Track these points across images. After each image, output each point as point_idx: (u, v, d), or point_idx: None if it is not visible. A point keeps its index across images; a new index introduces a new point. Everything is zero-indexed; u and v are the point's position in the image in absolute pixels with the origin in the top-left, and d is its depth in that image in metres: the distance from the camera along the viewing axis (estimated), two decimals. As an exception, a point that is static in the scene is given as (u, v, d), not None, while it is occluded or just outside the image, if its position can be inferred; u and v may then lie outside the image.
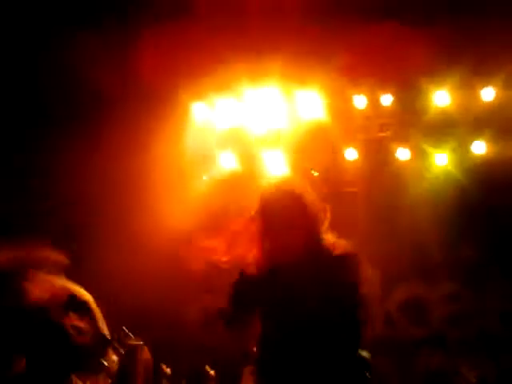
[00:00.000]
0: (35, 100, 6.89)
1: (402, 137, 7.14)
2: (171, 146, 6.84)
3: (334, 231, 3.12)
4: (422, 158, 7.21)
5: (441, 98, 7.00)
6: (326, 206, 3.16)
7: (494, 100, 6.87)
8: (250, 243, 3.13)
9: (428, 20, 6.26)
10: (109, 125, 6.55)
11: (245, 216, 3.23)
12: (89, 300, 3.52)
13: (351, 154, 7.20)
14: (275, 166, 7.01)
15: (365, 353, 3.01)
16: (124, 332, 3.71)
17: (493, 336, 6.61)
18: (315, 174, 6.80)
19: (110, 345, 3.53)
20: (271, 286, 3.01)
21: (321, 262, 2.99)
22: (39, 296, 3.29)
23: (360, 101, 7.08)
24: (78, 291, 3.48)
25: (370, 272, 3.06)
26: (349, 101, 7.00)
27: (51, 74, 6.66)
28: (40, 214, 6.42)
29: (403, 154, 7.18)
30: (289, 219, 3.05)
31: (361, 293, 2.97)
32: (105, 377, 3.62)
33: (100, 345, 3.41)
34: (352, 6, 6.20)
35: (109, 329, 3.56)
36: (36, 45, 6.67)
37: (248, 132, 7.17)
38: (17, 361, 3.29)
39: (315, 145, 7.05)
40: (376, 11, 6.15)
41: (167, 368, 6.03)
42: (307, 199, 3.07)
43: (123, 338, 3.70)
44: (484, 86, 6.85)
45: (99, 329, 3.49)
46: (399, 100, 7.03)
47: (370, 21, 6.13)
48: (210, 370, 5.95)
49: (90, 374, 3.41)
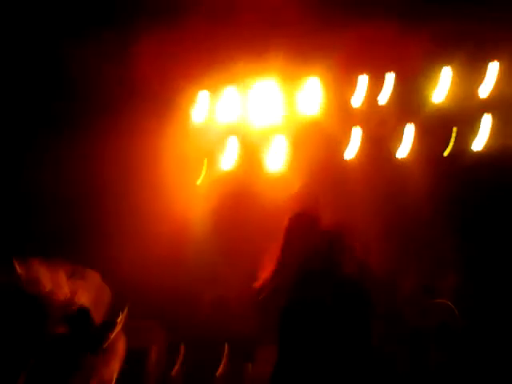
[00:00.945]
0: (36, 107, 6.89)
1: (401, 133, 7.17)
2: (173, 144, 6.85)
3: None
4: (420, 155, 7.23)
5: (438, 94, 7.06)
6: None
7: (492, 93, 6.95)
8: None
9: (427, 14, 6.34)
10: (111, 125, 6.57)
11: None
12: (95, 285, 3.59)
13: (350, 150, 7.22)
14: (276, 161, 7.03)
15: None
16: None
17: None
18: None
19: (114, 329, 3.56)
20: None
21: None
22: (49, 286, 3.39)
23: (362, 84, 7.10)
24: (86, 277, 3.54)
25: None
26: (348, 95, 7.04)
27: (48, 81, 6.68)
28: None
29: (402, 150, 7.21)
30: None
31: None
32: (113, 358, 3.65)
33: (105, 329, 3.48)
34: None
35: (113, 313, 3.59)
36: (34, 53, 6.68)
37: (248, 128, 7.19)
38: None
39: (314, 140, 7.07)
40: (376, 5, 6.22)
41: (182, 346, 5.98)
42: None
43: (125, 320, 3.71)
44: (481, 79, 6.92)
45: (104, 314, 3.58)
46: (398, 95, 7.08)
47: (369, 15, 6.20)
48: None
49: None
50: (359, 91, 7.09)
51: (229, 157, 7.35)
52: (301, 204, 3.90)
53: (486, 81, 6.80)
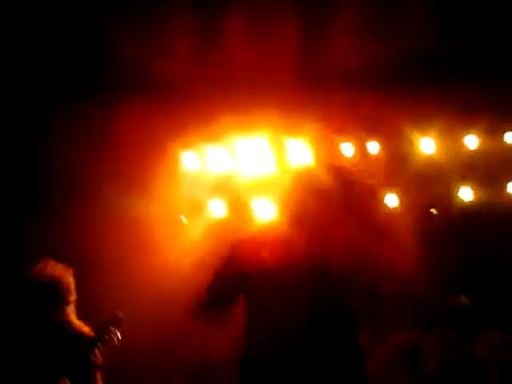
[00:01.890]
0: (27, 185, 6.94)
1: (390, 184, 7.25)
2: (163, 195, 6.93)
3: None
4: (410, 205, 7.31)
5: (427, 146, 7.14)
6: None
7: (479, 147, 7.04)
8: None
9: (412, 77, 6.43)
10: (103, 177, 6.65)
11: None
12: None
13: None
14: (264, 213, 7.09)
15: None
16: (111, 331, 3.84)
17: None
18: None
19: (97, 345, 3.80)
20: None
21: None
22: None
23: (347, 148, 7.21)
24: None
25: None
26: (336, 149, 7.13)
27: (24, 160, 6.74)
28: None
29: (392, 201, 7.28)
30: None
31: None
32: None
33: (90, 343, 3.61)
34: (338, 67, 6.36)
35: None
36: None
37: (238, 180, 7.27)
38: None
39: (305, 192, 7.14)
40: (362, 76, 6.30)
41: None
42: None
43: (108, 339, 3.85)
44: (467, 134, 7.02)
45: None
46: (386, 148, 7.16)
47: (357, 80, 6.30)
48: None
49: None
50: (347, 144, 7.19)
51: (219, 205, 7.43)
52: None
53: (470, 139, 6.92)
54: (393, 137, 6.96)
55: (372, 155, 7.08)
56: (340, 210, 6.63)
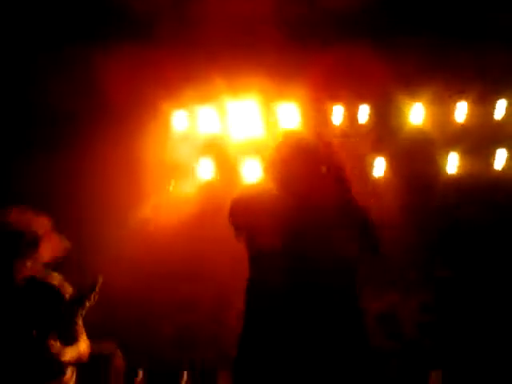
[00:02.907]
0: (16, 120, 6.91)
1: (378, 151, 7.26)
2: (151, 155, 6.93)
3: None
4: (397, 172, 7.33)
5: (416, 114, 7.14)
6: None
7: (468, 117, 7.04)
8: None
9: (403, 36, 6.38)
10: (89, 135, 6.64)
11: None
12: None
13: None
14: (253, 175, 7.11)
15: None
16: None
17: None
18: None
19: (83, 305, 3.64)
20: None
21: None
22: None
23: (337, 114, 7.20)
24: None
25: None
26: (326, 113, 7.12)
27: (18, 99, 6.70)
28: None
29: (379, 169, 7.30)
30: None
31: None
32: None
33: (75, 304, 3.53)
34: (329, 21, 6.29)
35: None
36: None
37: (227, 141, 7.27)
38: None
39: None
40: (352, 26, 6.25)
41: (140, 371, 6.12)
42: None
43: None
44: (457, 102, 7.01)
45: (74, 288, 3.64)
46: (375, 115, 7.16)
47: (347, 35, 6.24)
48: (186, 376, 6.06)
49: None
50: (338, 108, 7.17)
51: (207, 167, 7.44)
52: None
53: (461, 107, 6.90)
54: (383, 103, 6.95)
55: (361, 121, 7.07)
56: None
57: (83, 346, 3.72)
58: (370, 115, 7.00)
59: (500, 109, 7.00)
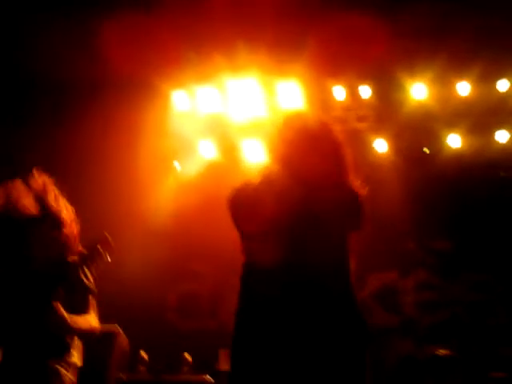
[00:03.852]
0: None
1: (380, 129, 7.24)
2: (152, 135, 6.91)
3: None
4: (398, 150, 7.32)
5: (418, 91, 7.10)
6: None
7: (470, 94, 7.01)
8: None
9: (407, 12, 6.32)
10: (89, 114, 6.62)
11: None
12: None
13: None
14: (254, 155, 7.10)
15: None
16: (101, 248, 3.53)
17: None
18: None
19: (88, 262, 3.50)
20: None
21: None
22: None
23: (339, 92, 7.16)
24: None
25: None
26: (328, 91, 7.09)
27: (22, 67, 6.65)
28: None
29: (381, 146, 7.30)
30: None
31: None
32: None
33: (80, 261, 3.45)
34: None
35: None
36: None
37: (228, 121, 7.24)
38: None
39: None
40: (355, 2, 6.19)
41: (145, 354, 6.15)
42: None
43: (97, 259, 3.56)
44: (459, 80, 6.97)
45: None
46: (377, 92, 7.12)
47: (349, 12, 6.18)
48: (188, 356, 6.08)
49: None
50: (339, 87, 7.14)
51: (209, 146, 7.43)
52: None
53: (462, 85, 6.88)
54: (385, 81, 6.91)
55: (363, 99, 7.04)
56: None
57: (94, 319, 3.53)
58: (372, 94, 6.98)
59: (502, 85, 6.97)
